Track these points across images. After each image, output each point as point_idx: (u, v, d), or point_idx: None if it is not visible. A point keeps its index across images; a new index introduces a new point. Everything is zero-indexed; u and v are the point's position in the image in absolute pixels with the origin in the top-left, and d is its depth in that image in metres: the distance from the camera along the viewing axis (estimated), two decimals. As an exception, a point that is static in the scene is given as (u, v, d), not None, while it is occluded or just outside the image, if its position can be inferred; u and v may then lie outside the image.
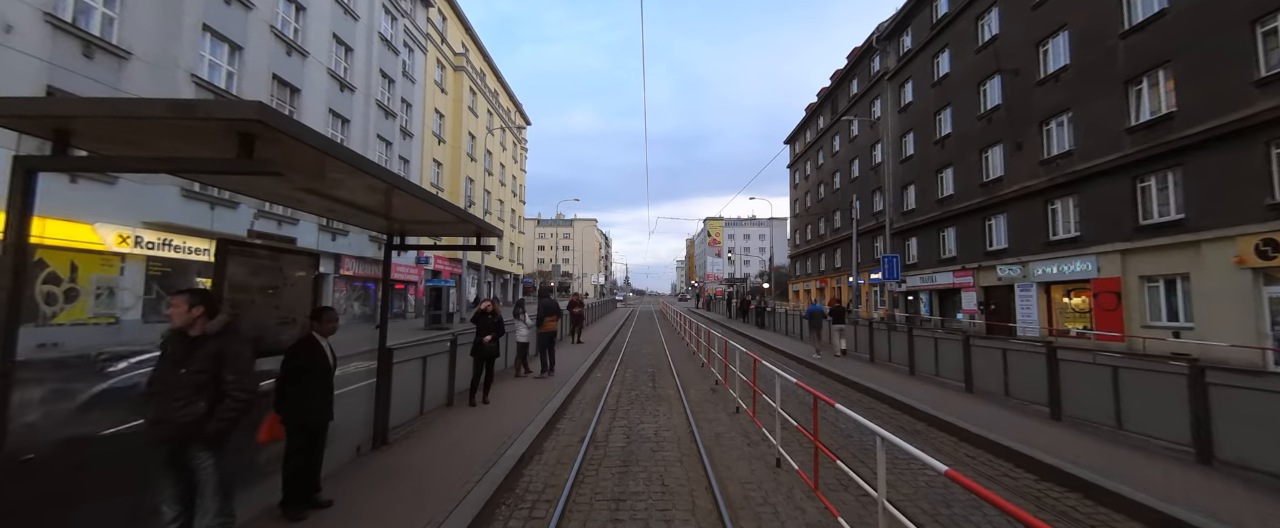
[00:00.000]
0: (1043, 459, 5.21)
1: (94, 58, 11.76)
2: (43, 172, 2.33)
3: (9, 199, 2.26)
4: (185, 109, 2.12)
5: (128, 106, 2.23)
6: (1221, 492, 4.35)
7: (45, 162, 2.32)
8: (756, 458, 5.47)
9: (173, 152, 2.63)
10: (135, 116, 2.14)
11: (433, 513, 3.75)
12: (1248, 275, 12.07)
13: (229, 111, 2.10)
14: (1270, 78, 11.83)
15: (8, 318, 2.22)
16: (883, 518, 2.83)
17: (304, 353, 3.74)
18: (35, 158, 2.28)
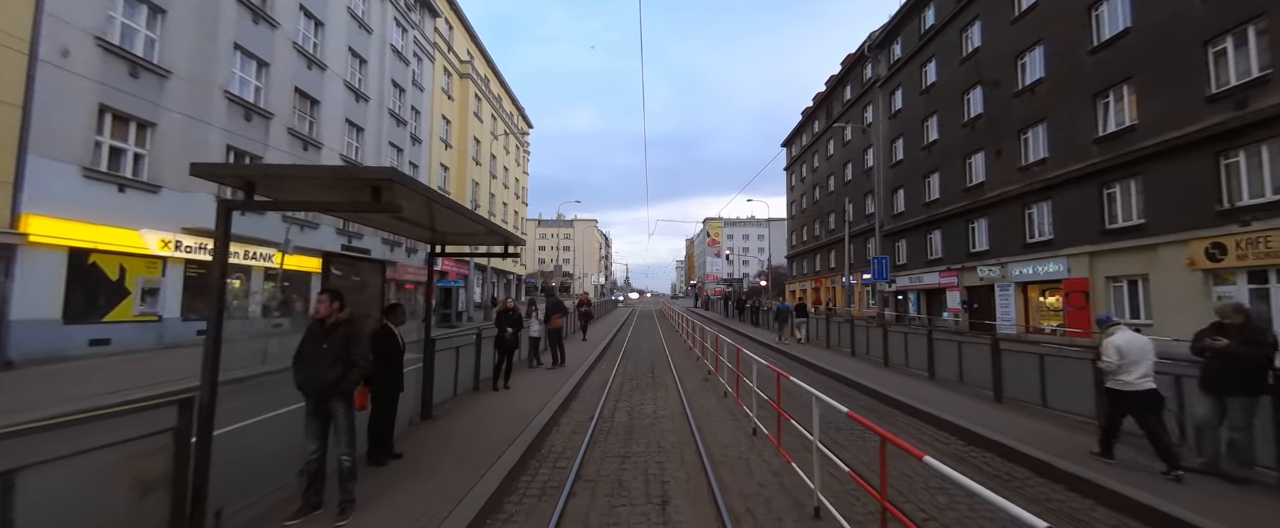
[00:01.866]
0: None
1: (139, 77, 12.83)
2: (236, 211, 3.40)
3: (216, 227, 3.33)
4: (341, 172, 3.20)
5: (300, 170, 3.31)
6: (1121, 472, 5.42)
7: (238, 203, 3.38)
8: (737, 430, 6.56)
9: (325, 198, 3.72)
10: (305, 177, 3.22)
11: (480, 464, 4.83)
12: (1198, 276, 13.16)
13: (368, 173, 3.18)
14: (1219, 95, 12.90)
15: (217, 309, 3.29)
16: (816, 454, 3.92)
17: (382, 339, 4.81)
18: (232, 201, 3.35)
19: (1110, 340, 5.19)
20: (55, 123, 11.08)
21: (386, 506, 3.88)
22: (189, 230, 13.98)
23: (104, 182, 12.05)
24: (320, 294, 3.78)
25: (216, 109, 14.62)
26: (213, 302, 3.30)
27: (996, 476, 5.12)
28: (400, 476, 4.50)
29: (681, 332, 20.77)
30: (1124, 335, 5.18)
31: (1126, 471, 4.79)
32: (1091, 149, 16.30)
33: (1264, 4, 12.05)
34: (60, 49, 11.22)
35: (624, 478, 4.87)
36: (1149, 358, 5.02)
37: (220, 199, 3.33)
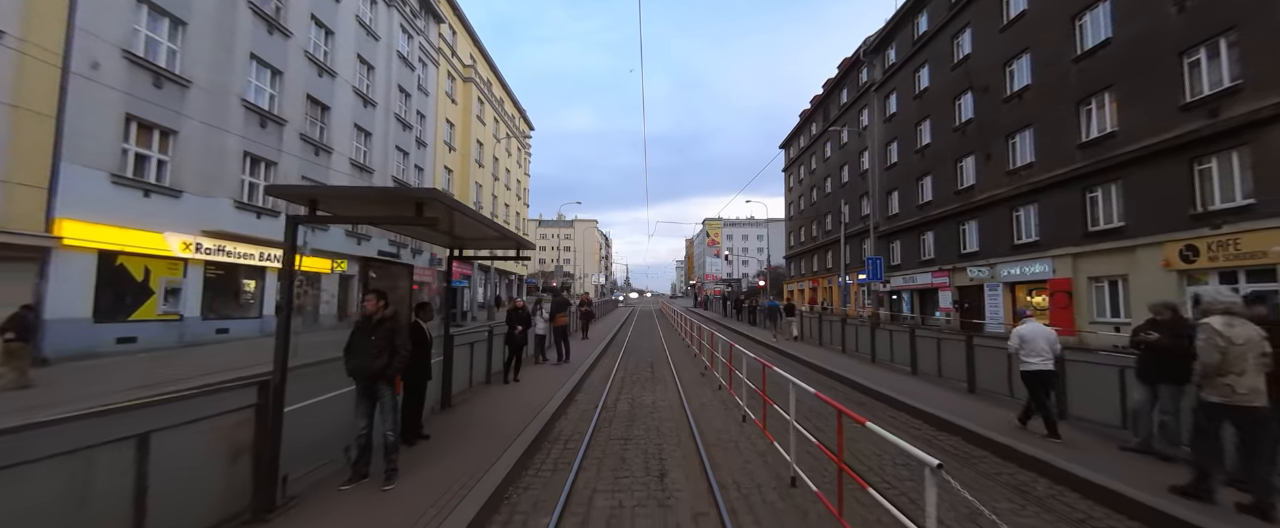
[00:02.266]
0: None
1: (162, 87, 13.45)
2: (302, 225, 4.01)
3: (284, 238, 3.94)
4: (389, 193, 3.82)
5: (354, 191, 3.93)
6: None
7: (303, 218, 3.99)
8: (729, 418, 7.17)
9: (376, 212, 4.34)
10: (358, 196, 3.84)
11: (499, 444, 5.44)
12: (1173, 277, 13.79)
13: (413, 193, 3.79)
14: (1193, 103, 13.54)
15: (285, 315, 3.90)
16: (792, 431, 4.54)
17: (413, 333, 5.42)
18: (298, 217, 3.96)
19: (1016, 330, 6.10)
20: (85, 132, 11.70)
21: (423, 476, 4.49)
22: (208, 233, 14.60)
23: (130, 187, 12.67)
24: (367, 294, 4.39)
25: (234, 116, 15.23)
26: (283, 301, 3.90)
27: (958, 455, 5.74)
28: (430, 453, 5.12)
29: (680, 330, 21.38)
30: (1028, 326, 6.05)
31: (1072, 450, 5.39)
32: (1075, 154, 16.93)
33: (1235, 17, 12.68)
34: (90, 61, 11.83)
35: (627, 456, 5.49)
36: (1046, 344, 5.88)
37: (289, 215, 3.94)
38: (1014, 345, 6.07)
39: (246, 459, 3.55)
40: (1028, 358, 5.92)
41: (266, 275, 17.01)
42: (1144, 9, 14.84)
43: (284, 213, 14.91)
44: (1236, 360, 3.91)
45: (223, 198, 14.99)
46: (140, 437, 2.83)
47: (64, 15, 11.37)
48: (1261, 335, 3.96)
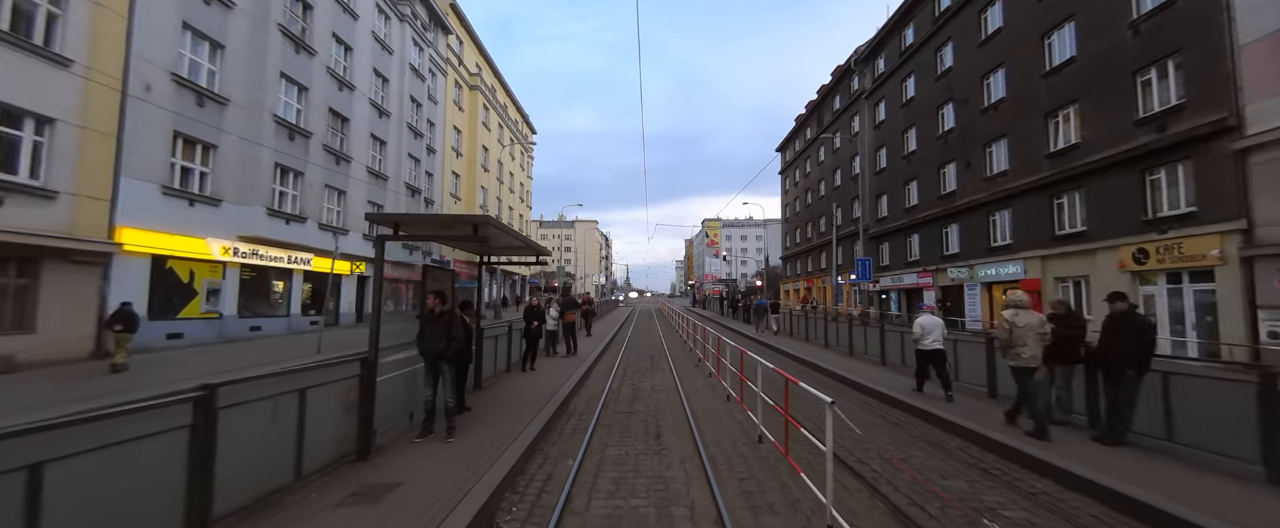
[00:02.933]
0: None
1: (204, 106, 14.76)
2: (388, 242, 5.29)
3: (374, 252, 5.24)
4: (455, 219, 5.12)
5: (427, 217, 5.26)
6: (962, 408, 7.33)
7: (388, 236, 5.28)
8: (716, 398, 8.47)
9: (440, 233, 5.65)
10: (431, 221, 5.14)
11: (527, 415, 6.74)
12: (1127, 278, 15.09)
13: (471, 218, 5.09)
14: (1145, 119, 14.83)
15: (376, 311, 5.19)
16: (760, 403, 5.85)
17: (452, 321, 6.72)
18: (384, 235, 5.26)
19: (917, 320, 8.12)
20: (140, 148, 13.00)
21: (473, 434, 5.79)
22: (243, 238, 15.90)
23: (177, 197, 13.97)
24: (430, 294, 5.69)
25: (267, 131, 16.54)
26: (374, 300, 5.20)
27: (897, 423, 7.04)
28: (474, 420, 6.41)
29: (678, 328, 22.68)
30: (924, 317, 8.12)
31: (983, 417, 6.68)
32: (1043, 163, 18.23)
33: (1181, 41, 13.98)
34: (144, 84, 13.13)
35: (630, 424, 6.79)
36: (937, 331, 7.93)
37: (377, 234, 5.24)
38: (916, 333, 8.00)
39: (354, 415, 4.84)
40: (923, 341, 7.90)
41: (293, 277, 18.32)
42: (1104, 30, 16.14)
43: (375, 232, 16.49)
44: (1020, 338, 5.87)
45: (257, 206, 16.30)
46: (301, 391, 4.13)
47: (122, 43, 12.66)
48: (1041, 320, 5.96)
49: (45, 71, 11.02)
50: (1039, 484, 4.83)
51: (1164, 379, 5.47)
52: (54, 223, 11.14)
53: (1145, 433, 5.58)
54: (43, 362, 10.74)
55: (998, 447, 5.74)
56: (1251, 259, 12.11)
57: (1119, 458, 5.12)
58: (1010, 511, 4.25)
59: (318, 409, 4.32)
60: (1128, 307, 5.83)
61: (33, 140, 10.94)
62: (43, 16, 11.13)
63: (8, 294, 10.65)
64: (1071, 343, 6.36)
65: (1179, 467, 4.89)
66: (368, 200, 22.51)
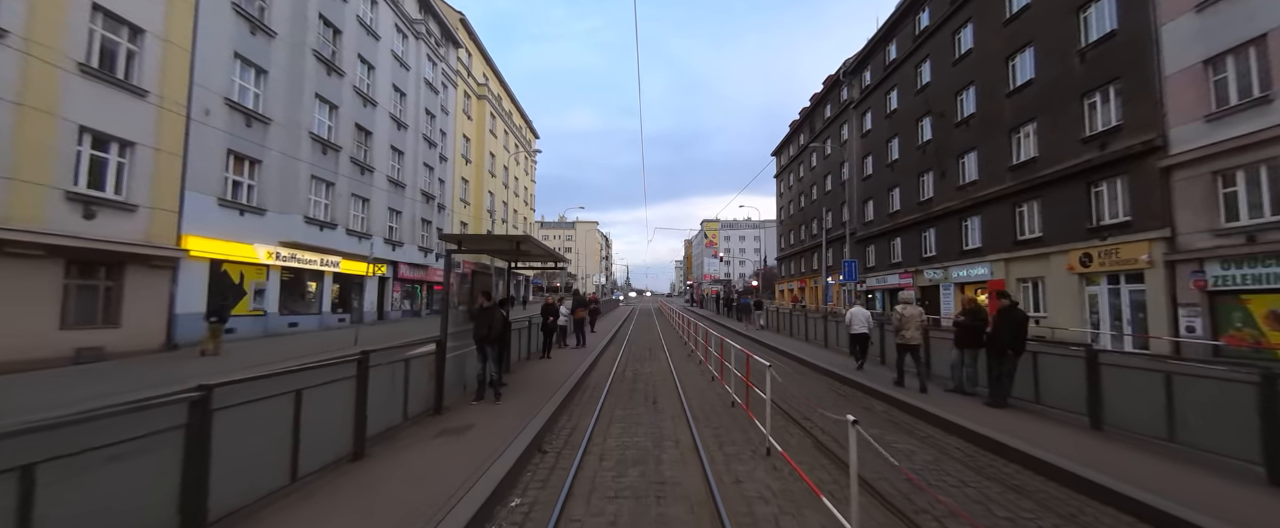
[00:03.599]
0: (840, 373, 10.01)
1: (252, 126, 16.54)
2: (454, 254, 7.07)
3: (445, 264, 7.03)
4: (504, 238, 6.92)
5: (482, 238, 7.03)
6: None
7: (454, 250, 7.06)
8: (703, 379, 10.28)
9: (491, 247, 7.44)
10: (485, 240, 6.94)
11: (551, 390, 8.53)
12: (1076, 279, 16.90)
13: (516, 238, 6.88)
14: (1090, 137, 16.63)
15: (445, 306, 6.98)
16: (734, 380, 7.65)
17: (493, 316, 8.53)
18: (450, 249, 7.05)
19: (848, 311, 10.41)
20: (200, 165, 14.78)
21: (513, 401, 7.58)
22: (284, 243, 17.68)
23: (230, 208, 15.76)
24: (480, 294, 7.48)
25: (304, 146, 18.32)
26: (443, 299, 7.01)
27: (841, 394, 8.83)
28: (510, 393, 8.20)
29: (675, 325, 24.49)
30: (854, 309, 10.58)
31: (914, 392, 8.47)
32: (1007, 175, 20.04)
33: (1119, 70, 15.77)
34: (204, 109, 14.92)
35: (633, 396, 8.59)
36: (862, 320, 10.34)
37: (447, 250, 7.04)
38: (847, 320, 10.54)
39: (433, 381, 6.64)
40: (853, 327, 10.41)
41: (324, 278, 20.10)
42: (1058, 56, 17.93)
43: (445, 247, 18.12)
44: (905, 324, 8.22)
45: (295, 214, 18.09)
46: (406, 361, 5.94)
47: (186, 74, 14.44)
48: (919, 312, 8.31)
49: (127, 102, 12.80)
50: (925, 428, 6.64)
51: (1033, 358, 7.27)
52: (135, 232, 12.94)
53: (1021, 397, 7.39)
54: (126, 353, 12.55)
55: (904, 406, 7.54)
56: (1173, 263, 13.91)
57: (998, 415, 6.92)
58: (901, 444, 6.04)
59: (415, 376, 6.12)
60: (1009, 303, 7.62)
61: (117, 161, 12.73)
62: (123, 54, 12.91)
63: (98, 294, 12.43)
64: (977, 332, 8.15)
65: (1037, 421, 6.68)
66: (388, 207, 24.30)
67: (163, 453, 3.06)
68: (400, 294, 26.18)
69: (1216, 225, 12.97)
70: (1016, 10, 19.85)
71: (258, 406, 3.81)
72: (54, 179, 11.26)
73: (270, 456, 3.93)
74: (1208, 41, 13.28)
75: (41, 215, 11.01)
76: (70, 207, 11.56)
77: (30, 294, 10.90)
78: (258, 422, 3.85)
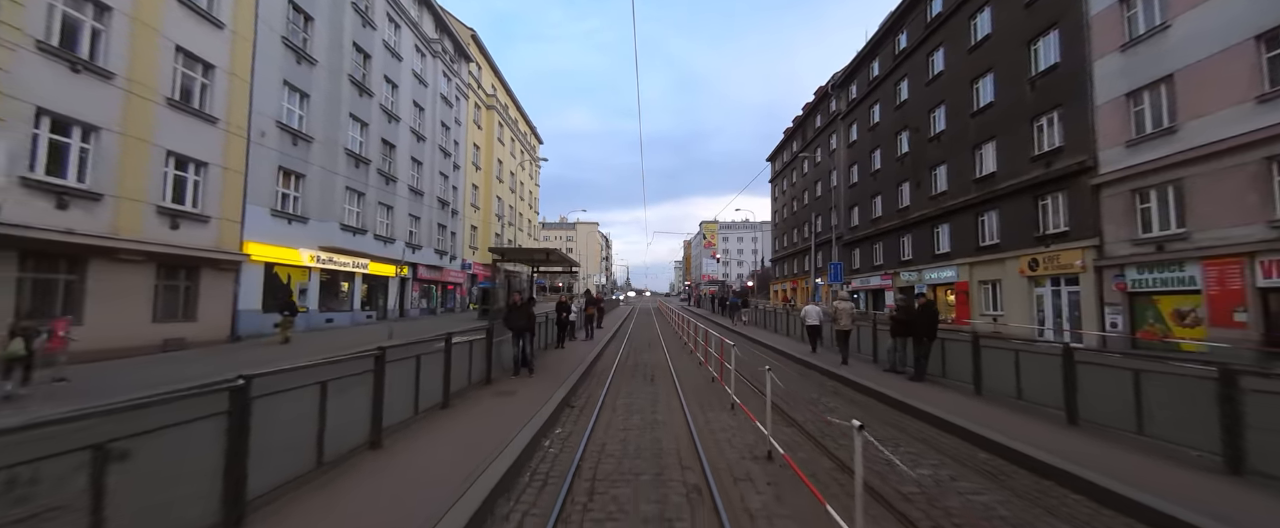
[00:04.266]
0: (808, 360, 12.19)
1: (297, 144, 18.71)
2: (501, 264, 9.23)
3: (494, 271, 9.22)
4: (537, 251, 9.09)
5: (521, 251, 9.21)
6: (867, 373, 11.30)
7: (499, 260, 9.23)
8: (692, 364, 12.46)
9: (526, 257, 9.61)
10: (523, 253, 9.11)
11: (569, 371, 10.70)
12: (1026, 282, 19.09)
13: (547, 249, 9.04)
14: (1038, 156, 18.80)
15: (495, 306, 9.16)
16: (716, 363, 9.83)
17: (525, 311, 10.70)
18: (497, 260, 9.22)
19: (804, 308, 12.89)
20: (258, 181, 16.95)
21: (542, 377, 9.75)
22: (323, 248, 19.84)
23: (280, 218, 17.93)
24: (514, 292, 9.65)
25: (340, 161, 20.50)
26: (494, 299, 9.19)
27: (800, 373, 11.01)
28: (538, 372, 10.38)
29: (672, 322, 26.68)
30: (808, 307, 13.11)
31: (852, 370, 10.65)
32: (971, 187, 22.23)
33: (1062, 98, 17.92)
34: (260, 132, 17.09)
35: (635, 376, 10.78)
36: (815, 315, 12.63)
37: (494, 260, 9.18)
38: (803, 315, 13.04)
39: (484, 358, 8.82)
40: (807, 320, 12.80)
41: (355, 279, 22.27)
42: (1013, 83, 20.10)
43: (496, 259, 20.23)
44: (839, 316, 10.77)
45: (332, 222, 20.27)
46: (470, 344, 8.12)
47: (247, 101, 16.60)
48: (850, 307, 10.68)
49: (202, 128, 14.97)
50: (860, 397, 8.82)
51: (942, 344, 9.46)
52: (208, 240, 15.10)
53: (934, 374, 9.58)
54: (202, 343, 14.71)
55: (844, 380, 9.73)
56: (1101, 269, 16.10)
57: (917, 387, 9.10)
58: (838, 406, 8.22)
59: (475, 354, 8.30)
60: (926, 301, 9.82)
61: (194, 180, 14.89)
62: (198, 87, 15.08)
63: (180, 293, 14.60)
64: (906, 324, 10.34)
65: (945, 391, 8.85)
66: (409, 213, 26.47)
67: (359, 390, 5.21)
68: (418, 294, 28.34)
69: (1134, 236, 15.16)
70: (980, 39, 22.05)
71: (400, 365, 5.98)
72: (148, 196, 13.42)
73: (407, 397, 6.10)
74: (1130, 77, 15.46)
75: (140, 227, 13.17)
76: (160, 219, 13.73)
77: (132, 293, 13.07)
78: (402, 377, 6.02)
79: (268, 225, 17.35)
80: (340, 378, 4.81)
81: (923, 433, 6.77)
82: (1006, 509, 4.33)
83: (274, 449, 3.86)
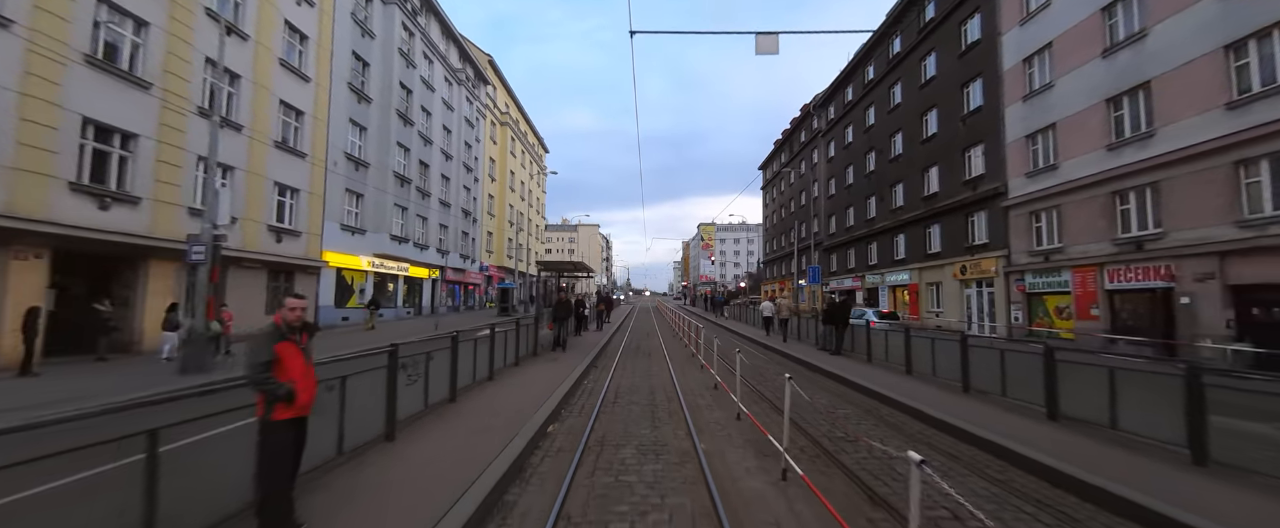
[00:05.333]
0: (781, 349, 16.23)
1: (358, 169, 22.73)
2: (545, 273, 13.22)
3: (538, 279, 13.23)
4: (569, 263, 13.09)
5: (558, 263, 13.21)
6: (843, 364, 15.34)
7: (544, 272, 13.22)
8: (682, 350, 16.51)
9: (559, 268, 13.62)
10: (559, 261, 13.13)
11: (591, 349, 14.72)
12: (958, 284, 23.15)
13: (575, 262, 13.05)
14: (968, 181, 22.85)
15: (540, 305, 13.17)
16: (701, 348, 13.88)
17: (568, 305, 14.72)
18: (543, 270, 13.24)
19: (762, 303, 16.11)
20: (331, 201, 20.96)
21: (573, 353, 13.77)
22: (376, 255, 23.86)
23: (346, 231, 21.95)
24: (560, 291, 13.65)
25: (389, 182, 24.53)
26: (540, 298, 13.24)
27: (760, 353, 15.06)
28: (570, 350, 14.40)
29: (669, 319, 30.69)
30: (765, 303, 17.37)
31: (796, 349, 14.68)
32: (920, 203, 26.29)
33: (984, 134, 21.97)
34: (333, 161, 21.11)
35: (638, 356, 14.81)
36: (769, 309, 17.01)
37: (539, 270, 13.17)
38: (761, 308, 17.30)
39: (532, 338, 12.85)
40: (764, 313, 16.62)
41: (398, 281, 26.29)
42: (951, 119, 24.14)
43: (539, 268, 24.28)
44: (780, 310, 15.34)
45: (383, 233, 24.30)
46: (518, 324, 12.18)
47: (325, 137, 20.62)
48: (787, 303, 15.49)
49: (296, 162, 18.97)
50: (798, 366, 12.88)
51: (851, 329, 13.52)
52: (300, 250, 19.13)
53: (848, 349, 13.64)
54: (295, 331, 18.73)
55: (785, 354, 13.78)
56: (1008, 274, 20.15)
57: (834, 358, 13.12)
58: (781, 371, 12.26)
59: (527, 335, 12.35)
60: (841, 299, 13.89)
61: (290, 203, 18.90)
62: (293, 130, 19.08)
63: (280, 292, 18.62)
64: (830, 315, 14.39)
65: (851, 361, 12.88)
66: (439, 223, 30.48)
67: (438, 359, 9.22)
68: (445, 293, 32.36)
69: (1031, 249, 19.20)
70: (928, 79, 26.11)
71: (481, 340, 10.01)
72: (263, 217, 17.44)
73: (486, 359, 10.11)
74: (1028, 122, 19.51)
75: (258, 241, 17.19)
76: (269, 234, 17.74)
77: (252, 292, 17.09)
78: (475, 350, 10.03)
79: (339, 238, 21.37)
80: (440, 350, 8.80)
81: (827, 385, 10.81)
82: (866, 421, 8.32)
83: (408, 393, 7.63)
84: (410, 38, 26.54)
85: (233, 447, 3.99)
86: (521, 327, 12.20)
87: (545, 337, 14.07)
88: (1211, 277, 13.06)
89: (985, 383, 8.57)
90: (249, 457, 3.48)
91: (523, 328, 12.30)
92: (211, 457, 4.52)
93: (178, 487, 3.28)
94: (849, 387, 10.07)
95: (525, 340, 12.37)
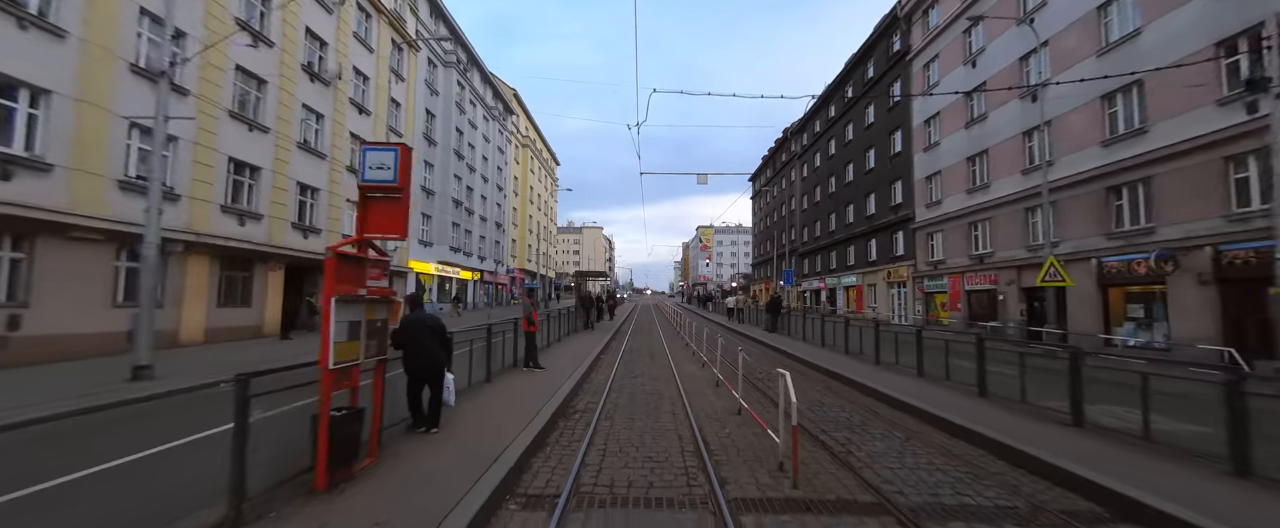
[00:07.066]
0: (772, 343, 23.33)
1: (428, 197, 29.88)
2: (578, 278, 20.32)
3: (575, 285, 20.35)
4: (595, 272, 20.22)
5: (589, 272, 20.35)
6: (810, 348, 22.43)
7: (581, 279, 20.30)
8: (681, 344, 23.63)
9: (587, 276, 20.75)
10: (590, 272, 20.29)
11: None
12: (887, 286, 30.27)
13: (599, 270, 20.14)
14: (893, 206, 29.93)
15: (578, 306, 20.28)
16: (693, 338, 21.00)
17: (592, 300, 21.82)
18: (578, 278, 20.38)
19: (726, 300, 23.51)
20: (413, 222, 28.12)
21: (598, 333, 20.91)
22: (440, 263, 31.03)
23: (422, 244, 29.13)
24: (585, 287, 20.72)
25: (448, 206, 31.71)
26: (576, 297, 20.39)
27: (730, 334, 22.18)
28: (596, 331, 21.51)
29: (668, 316, 37.81)
30: (728, 298, 24.46)
31: (752, 330, 21.76)
32: (863, 221, 33.40)
33: (902, 173, 29.01)
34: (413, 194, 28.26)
35: (640, 348, 21.94)
36: (733, 302, 24.65)
37: (575, 278, 20.27)
38: (726, 302, 24.86)
39: (578, 321, 19.99)
40: (728, 305, 23.82)
41: (453, 282, 33.49)
42: (882, 157, 31.19)
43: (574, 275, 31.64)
44: (736, 306, 22.10)
45: (444, 245, 31.48)
46: (571, 311, 19.32)
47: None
48: (740, 298, 24.45)
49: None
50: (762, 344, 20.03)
51: (789, 314, 20.65)
52: (396, 259, 26.28)
53: (794, 332, 20.76)
54: (392, 319, 25.96)
55: (740, 333, 20.91)
56: (916, 279, 27.26)
57: (774, 336, 20.22)
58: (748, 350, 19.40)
59: (573, 318, 19.51)
60: (771, 297, 21.02)
61: (387, 226, 26.06)
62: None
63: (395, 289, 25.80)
64: (770, 306, 21.50)
65: (785, 338, 19.96)
66: (479, 235, 37.63)
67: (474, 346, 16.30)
68: (482, 292, 39.55)
69: (929, 260, 26.30)
70: (868, 123, 33.19)
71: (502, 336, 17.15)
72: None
73: (557, 331, 17.26)
74: (926, 167, 26.58)
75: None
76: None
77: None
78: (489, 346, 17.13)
79: (416, 249, 28.54)
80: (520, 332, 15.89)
81: (768, 354, 17.90)
82: (779, 364, 15.39)
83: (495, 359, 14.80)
84: (461, 91, 33.67)
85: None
86: (570, 314, 19.29)
87: (580, 323, 21.16)
88: (1013, 282, 20.18)
89: (864, 350, 15.70)
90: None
91: (573, 315, 19.39)
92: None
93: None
94: (778, 352, 17.18)
95: (570, 324, 19.47)
